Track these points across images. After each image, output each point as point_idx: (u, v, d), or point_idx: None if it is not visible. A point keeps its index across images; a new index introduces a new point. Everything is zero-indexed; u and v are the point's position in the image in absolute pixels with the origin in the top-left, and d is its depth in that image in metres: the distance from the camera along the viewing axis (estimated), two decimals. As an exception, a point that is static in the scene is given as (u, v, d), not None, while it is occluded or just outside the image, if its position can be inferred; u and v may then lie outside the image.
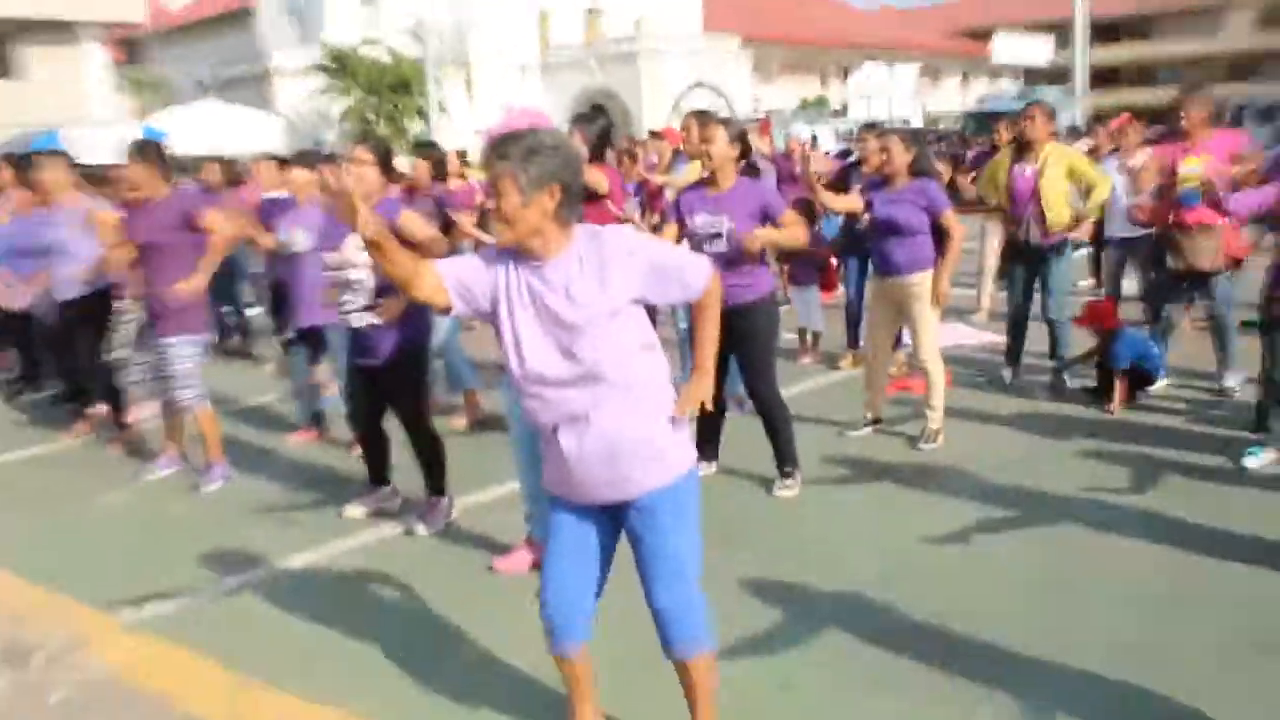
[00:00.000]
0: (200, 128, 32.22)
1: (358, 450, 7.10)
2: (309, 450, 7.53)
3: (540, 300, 2.99)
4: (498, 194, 2.93)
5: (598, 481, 3.07)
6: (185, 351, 6.67)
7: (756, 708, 3.80)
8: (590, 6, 58.26)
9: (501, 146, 2.93)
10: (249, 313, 11.70)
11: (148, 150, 6.60)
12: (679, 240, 5.90)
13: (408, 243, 5.49)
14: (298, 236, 7.14)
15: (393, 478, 6.14)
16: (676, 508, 3.10)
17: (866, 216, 6.99)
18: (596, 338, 2.96)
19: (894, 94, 44.85)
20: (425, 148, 8.13)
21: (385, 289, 5.46)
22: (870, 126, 9.48)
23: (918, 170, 6.80)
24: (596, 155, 6.65)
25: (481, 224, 6.08)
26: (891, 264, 6.83)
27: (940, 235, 6.76)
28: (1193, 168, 7.39)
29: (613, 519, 3.19)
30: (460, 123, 45.12)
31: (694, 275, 3.16)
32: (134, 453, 7.62)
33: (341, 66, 43.65)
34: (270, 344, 10.87)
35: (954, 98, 67.50)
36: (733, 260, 5.73)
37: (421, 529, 5.69)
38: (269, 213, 9.30)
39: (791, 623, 4.47)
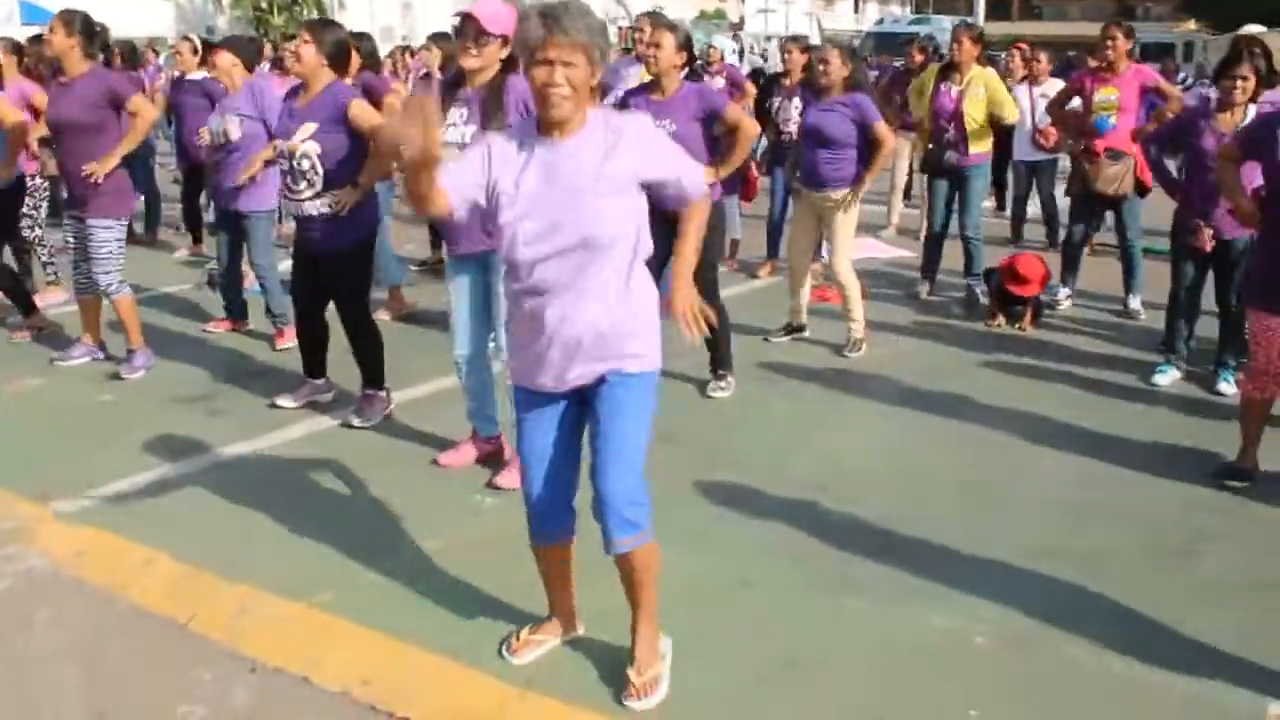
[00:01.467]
0: (86, 9, 30.90)
1: (283, 343, 6.95)
2: (230, 339, 7.29)
3: (553, 172, 2.96)
4: (566, 64, 2.87)
5: (578, 357, 3.04)
6: (107, 235, 6.36)
7: (720, 603, 3.81)
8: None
9: (572, 18, 2.88)
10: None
11: (72, 22, 6.19)
12: None
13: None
14: (231, 126, 6.86)
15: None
16: (642, 398, 3.09)
17: (795, 127, 6.93)
18: (602, 208, 2.94)
19: (790, 11, 44.61)
20: (357, 38, 7.81)
21: (336, 178, 5.28)
22: (794, 39, 9.38)
23: (853, 84, 6.76)
24: None
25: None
26: (818, 177, 6.82)
27: (869, 148, 6.75)
28: (1109, 96, 7.53)
29: (578, 405, 3.17)
30: (358, 15, 43.84)
31: (694, 179, 3.16)
32: (44, 339, 7.27)
33: (237, -50, 41.85)
34: (179, 232, 10.54)
35: (848, 19, 67.44)
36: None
37: (358, 421, 5.55)
38: (180, 93, 8.94)
39: (739, 522, 4.48)
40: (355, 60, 7.31)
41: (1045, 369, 6.69)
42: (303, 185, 5.31)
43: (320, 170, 5.27)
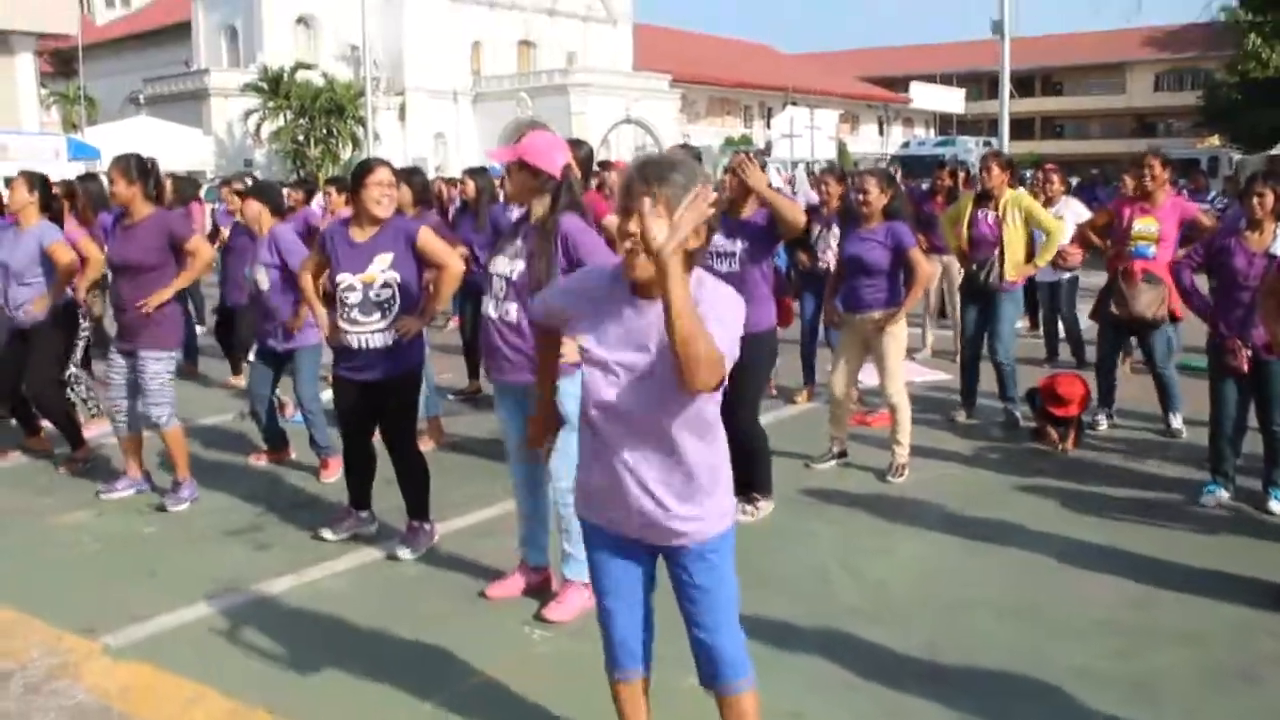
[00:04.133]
0: (130, 143, 31.74)
1: (329, 475, 6.99)
2: (272, 471, 7.34)
3: (635, 331, 2.84)
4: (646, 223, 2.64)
5: (649, 513, 2.94)
6: (159, 367, 6.47)
7: (770, 737, 3.75)
8: (522, 38, 58.34)
9: (662, 172, 2.73)
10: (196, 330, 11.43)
11: (130, 169, 6.39)
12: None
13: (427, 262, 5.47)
14: (260, 276, 7.05)
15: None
16: (730, 554, 3.05)
17: (833, 256, 7.03)
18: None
19: (815, 136, 45.42)
20: (409, 173, 7.99)
21: (406, 308, 5.38)
22: (830, 170, 9.54)
23: (891, 212, 6.87)
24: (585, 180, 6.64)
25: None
26: (861, 301, 6.89)
27: (907, 273, 6.82)
28: (1149, 226, 7.63)
29: (651, 550, 3.09)
30: (392, 148, 44.84)
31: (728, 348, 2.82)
32: (89, 472, 7.35)
33: (275, 88, 43.14)
34: (217, 363, 10.68)
35: (873, 141, 68.57)
36: (741, 285, 5.71)
37: (405, 554, 5.55)
38: (233, 234, 9.17)
39: (790, 652, 4.43)
40: (407, 193, 7.50)
41: (1089, 490, 6.65)
42: (375, 316, 5.37)
43: (398, 300, 5.37)
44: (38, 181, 7.26)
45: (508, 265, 4.60)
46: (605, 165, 12.14)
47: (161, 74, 52.27)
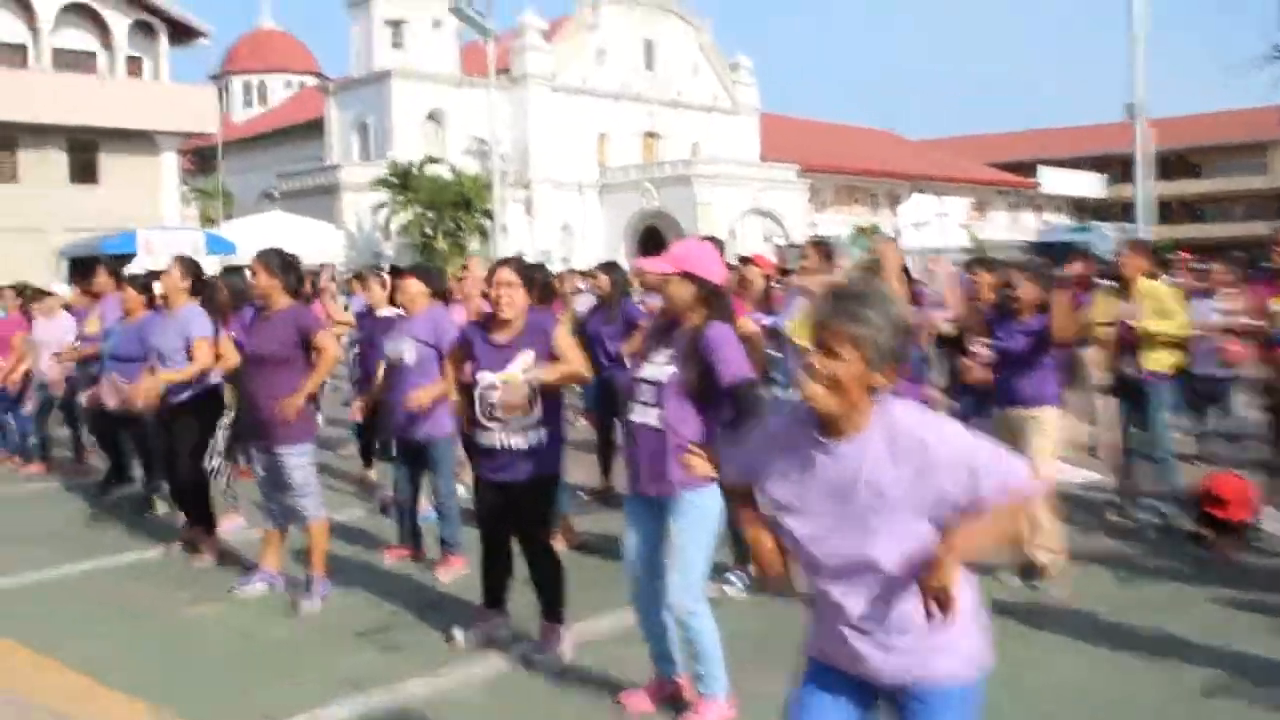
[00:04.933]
0: (265, 236, 32.83)
1: (449, 572, 6.98)
2: (406, 569, 7.34)
3: (831, 481, 2.67)
4: (830, 353, 2.60)
5: (875, 658, 2.75)
6: (300, 461, 6.58)
7: None
8: (648, 130, 59.27)
9: (851, 305, 2.61)
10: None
11: (272, 263, 6.58)
12: None
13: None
14: (406, 349, 7.08)
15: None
16: (964, 708, 2.79)
17: (985, 349, 6.85)
18: (892, 533, 2.62)
19: (944, 223, 45.14)
20: (533, 269, 8.07)
21: (545, 407, 5.38)
22: (980, 261, 9.34)
23: (1044, 305, 6.70)
24: None
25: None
26: (1015, 396, 6.70)
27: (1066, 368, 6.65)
28: None
29: (872, 694, 2.86)
30: (519, 240, 45.70)
31: (1015, 474, 2.66)
32: (223, 564, 7.46)
33: (405, 182, 44.43)
34: (342, 457, 10.84)
35: (1003, 228, 67.71)
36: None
37: (539, 656, 5.49)
38: (367, 328, 9.32)
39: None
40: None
41: (1256, 600, 6.28)
42: (516, 417, 5.40)
43: (539, 399, 5.38)
44: (190, 268, 7.55)
45: (656, 371, 4.56)
46: (745, 261, 12.07)
47: (295, 169, 54.32)
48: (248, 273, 7.72)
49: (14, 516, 9.37)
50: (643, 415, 4.58)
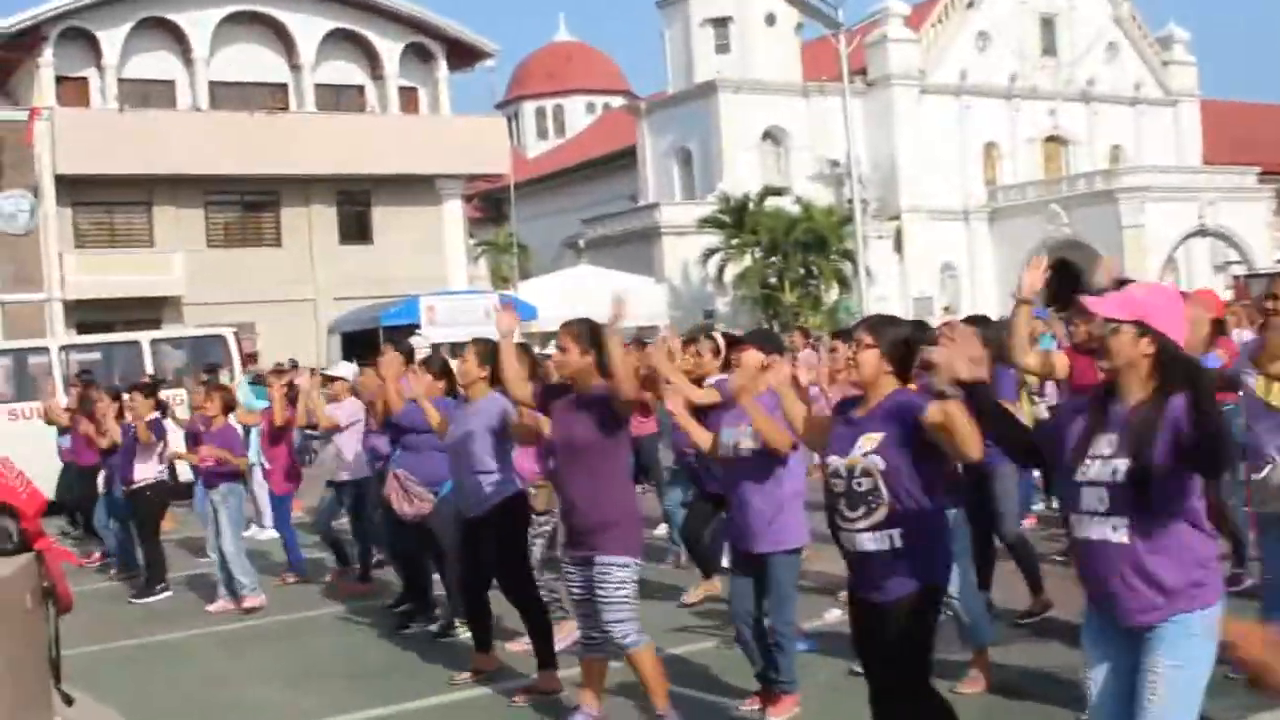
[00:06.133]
0: (569, 297, 33.85)
1: (780, 713, 6.86)
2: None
3: None
4: None
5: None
6: (623, 575, 6.63)
7: None
8: (1050, 133, 57.92)
9: None
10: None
11: (582, 335, 6.73)
12: None
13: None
14: (743, 439, 7.01)
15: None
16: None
17: None
18: None
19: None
20: (916, 329, 7.88)
21: (903, 507, 5.21)
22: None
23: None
24: None
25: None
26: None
27: None
28: None
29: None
30: (888, 285, 45.64)
31: None
32: (541, 705, 7.58)
33: (739, 220, 44.73)
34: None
35: None
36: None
37: None
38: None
39: None
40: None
41: None
42: (860, 511, 5.27)
43: (884, 493, 5.21)
44: (488, 354, 7.78)
45: (1106, 468, 4.32)
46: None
47: (603, 212, 56.22)
48: (553, 347, 7.87)
49: (301, 647, 9.87)
50: (1095, 529, 4.36)
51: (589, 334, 6.76)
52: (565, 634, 8.40)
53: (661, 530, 12.62)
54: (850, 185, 35.61)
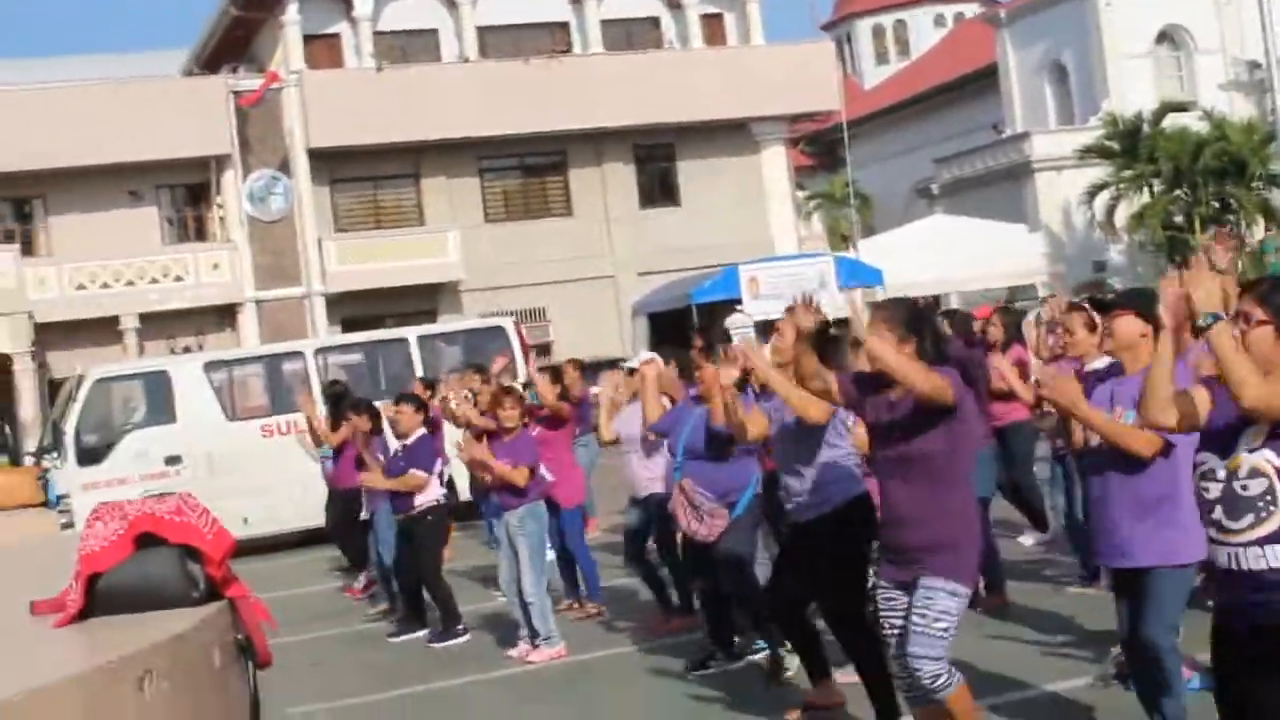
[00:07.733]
0: (922, 254, 33.49)
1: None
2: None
3: None
4: None
5: None
6: (950, 604, 6.64)
7: None
8: None
9: None
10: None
11: (900, 318, 6.76)
12: None
13: None
14: None
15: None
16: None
17: None
18: None
19: None
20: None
21: None
22: None
23: None
24: None
25: None
26: None
27: None
28: None
29: None
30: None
31: None
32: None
33: (1133, 147, 43.36)
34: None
35: None
36: None
37: None
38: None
39: None
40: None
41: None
42: (1247, 520, 5.09)
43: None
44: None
45: None
46: None
47: (960, 149, 55.66)
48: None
49: (592, 696, 10.17)
50: None
51: (907, 319, 6.77)
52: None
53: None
54: (1274, 94, 34.21)
